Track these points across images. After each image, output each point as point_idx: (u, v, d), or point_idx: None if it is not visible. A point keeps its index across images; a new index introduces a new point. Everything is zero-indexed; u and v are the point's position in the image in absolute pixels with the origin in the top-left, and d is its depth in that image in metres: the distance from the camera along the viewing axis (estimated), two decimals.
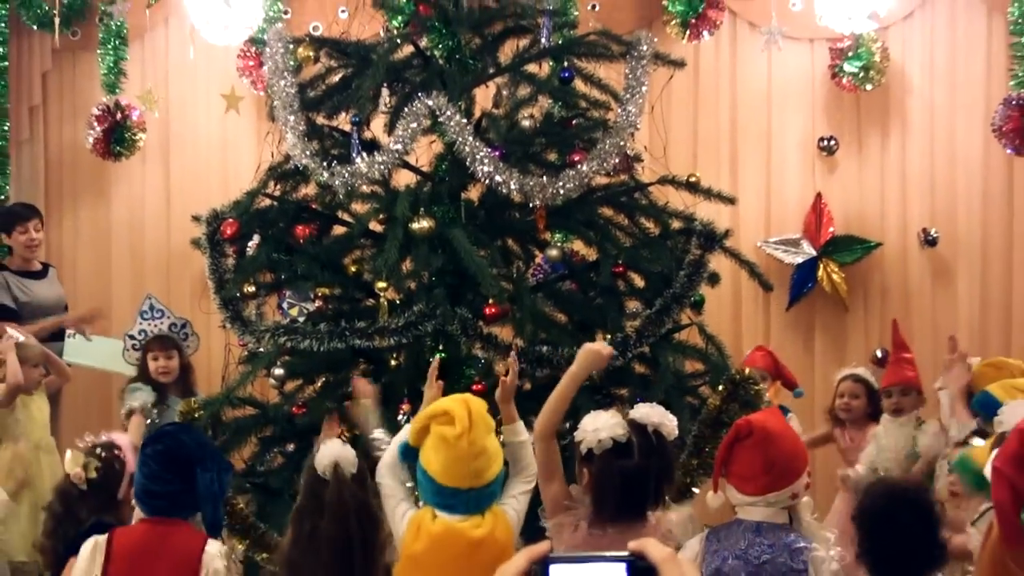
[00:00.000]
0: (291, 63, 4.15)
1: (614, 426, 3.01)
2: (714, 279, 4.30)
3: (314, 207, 4.35)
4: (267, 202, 4.32)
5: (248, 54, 6.63)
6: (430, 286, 3.98)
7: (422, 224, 3.83)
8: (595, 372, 3.97)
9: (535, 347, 3.83)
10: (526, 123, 4.31)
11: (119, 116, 6.64)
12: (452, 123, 3.83)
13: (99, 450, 3.46)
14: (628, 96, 4.08)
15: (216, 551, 3.14)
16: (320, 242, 4.31)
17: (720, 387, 3.90)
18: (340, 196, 4.06)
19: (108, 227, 7.04)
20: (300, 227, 4.25)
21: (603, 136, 4.03)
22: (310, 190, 4.33)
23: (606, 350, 3.38)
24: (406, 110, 3.88)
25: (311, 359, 4.15)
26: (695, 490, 3.65)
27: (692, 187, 4.38)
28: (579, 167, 3.92)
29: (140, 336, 5.52)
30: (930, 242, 6.54)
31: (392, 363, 3.98)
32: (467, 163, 3.85)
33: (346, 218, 4.35)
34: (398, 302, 4.00)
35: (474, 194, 4.25)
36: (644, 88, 4.10)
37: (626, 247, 4.27)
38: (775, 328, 6.77)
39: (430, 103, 3.84)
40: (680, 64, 4.47)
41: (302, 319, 4.70)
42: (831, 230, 6.63)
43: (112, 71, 6.68)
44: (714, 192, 4.43)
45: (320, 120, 4.30)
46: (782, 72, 6.74)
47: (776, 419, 3.22)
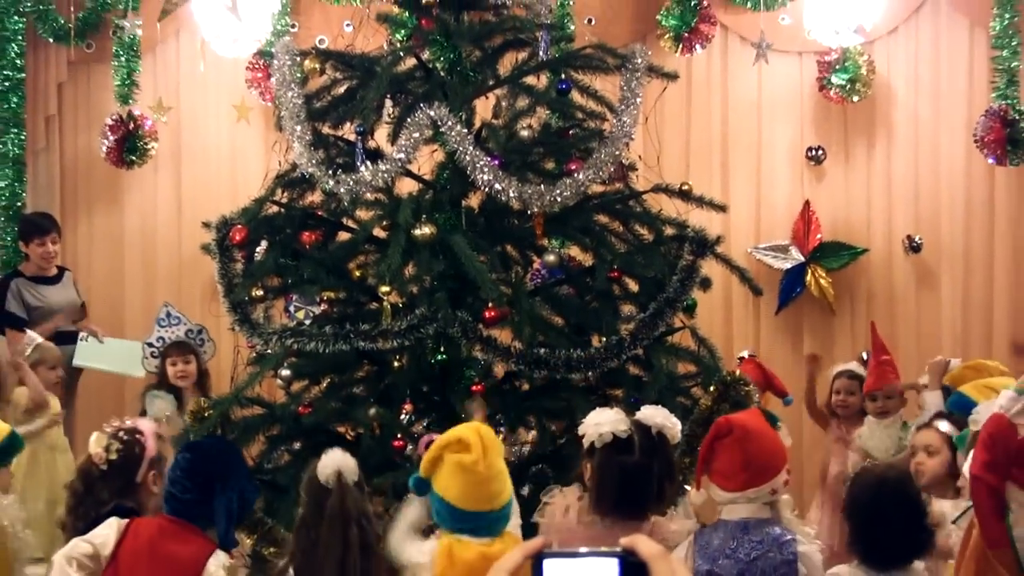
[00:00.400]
0: (298, 75, 4.15)
1: (616, 422, 3.00)
2: (706, 284, 4.30)
3: (320, 214, 4.35)
4: (275, 209, 4.32)
5: (256, 66, 6.64)
6: (432, 290, 3.98)
7: (424, 230, 3.82)
8: (590, 373, 3.98)
9: (533, 349, 3.83)
10: (524, 133, 4.31)
11: (132, 126, 6.65)
12: (453, 133, 3.83)
13: (121, 433, 3.46)
14: (623, 107, 4.08)
15: (218, 565, 3.10)
16: (326, 248, 4.30)
17: (712, 388, 3.89)
18: (345, 203, 4.05)
19: (121, 233, 7.05)
20: (306, 233, 4.24)
21: (599, 146, 4.02)
22: (316, 197, 4.33)
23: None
24: (409, 120, 3.88)
25: (317, 360, 4.15)
26: (687, 487, 3.64)
27: (685, 195, 4.37)
28: (576, 176, 3.92)
29: (158, 343, 5.51)
30: (914, 248, 6.54)
31: (395, 364, 3.98)
32: (467, 172, 3.84)
33: (351, 224, 4.34)
34: (401, 305, 4.00)
35: (474, 201, 4.25)
36: (638, 99, 4.10)
37: (621, 253, 4.26)
38: (765, 331, 6.77)
39: (432, 114, 3.84)
40: (673, 76, 4.47)
41: (308, 322, 4.70)
42: (819, 237, 6.64)
43: (125, 83, 6.69)
44: (706, 200, 4.43)
45: (326, 130, 4.30)
46: (772, 84, 6.75)
47: (755, 418, 3.20)
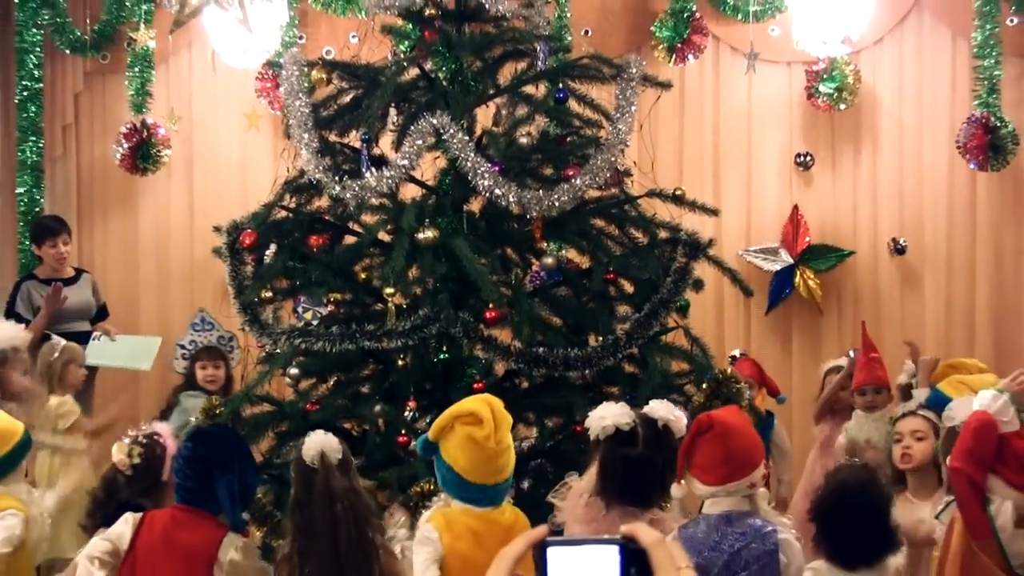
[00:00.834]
0: (305, 85, 4.16)
1: (619, 415, 3.00)
2: (698, 285, 4.30)
3: (327, 218, 4.35)
4: (283, 214, 4.32)
5: (266, 76, 6.65)
6: (434, 292, 3.98)
7: (427, 234, 3.83)
8: (587, 371, 3.99)
9: (532, 348, 3.83)
10: (524, 140, 4.31)
11: (145, 134, 6.66)
12: (455, 140, 3.83)
13: (141, 438, 3.46)
14: (618, 115, 4.09)
15: (231, 546, 3.12)
16: (332, 251, 4.31)
17: (704, 385, 3.90)
18: (351, 208, 4.06)
19: (136, 237, 7.06)
20: (314, 237, 4.25)
21: (595, 152, 4.03)
22: (323, 203, 4.33)
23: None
24: (412, 128, 3.89)
25: (324, 359, 4.15)
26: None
27: (678, 200, 4.38)
28: (573, 181, 3.92)
29: (190, 346, 5.49)
30: (899, 251, 6.55)
31: (399, 363, 3.99)
32: (469, 177, 3.85)
33: (356, 229, 4.35)
34: (405, 307, 4.00)
35: (475, 206, 4.25)
36: (633, 108, 4.11)
37: (616, 255, 4.26)
38: (755, 331, 6.78)
39: (434, 122, 3.84)
40: (667, 86, 4.47)
41: (316, 322, 4.70)
42: (807, 240, 6.64)
43: (139, 92, 6.70)
44: (698, 204, 4.43)
45: (332, 138, 4.30)
46: (761, 93, 6.76)
47: (735, 415, 3.18)
